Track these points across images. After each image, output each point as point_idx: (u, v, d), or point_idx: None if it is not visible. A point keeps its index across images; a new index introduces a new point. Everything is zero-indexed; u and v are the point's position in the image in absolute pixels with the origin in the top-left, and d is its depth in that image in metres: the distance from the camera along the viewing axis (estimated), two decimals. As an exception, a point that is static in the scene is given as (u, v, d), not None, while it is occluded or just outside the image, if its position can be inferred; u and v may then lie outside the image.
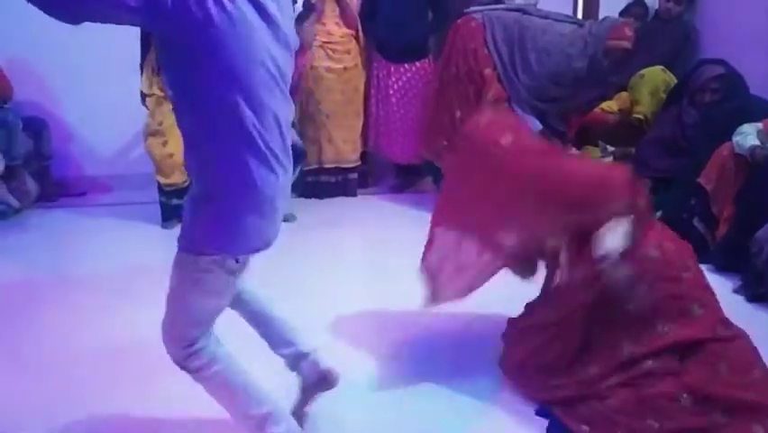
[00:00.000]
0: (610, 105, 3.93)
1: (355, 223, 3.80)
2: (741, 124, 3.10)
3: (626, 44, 3.49)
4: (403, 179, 4.50)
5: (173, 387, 2.23)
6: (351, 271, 2.23)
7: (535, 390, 2.11)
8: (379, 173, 4.60)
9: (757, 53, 3.58)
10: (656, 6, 4.22)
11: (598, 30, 3.52)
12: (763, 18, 3.59)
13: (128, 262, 3.34)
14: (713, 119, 3.34)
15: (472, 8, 3.90)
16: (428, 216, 2.37)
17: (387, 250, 3.36)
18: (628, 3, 4.36)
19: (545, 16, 3.66)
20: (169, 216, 3.81)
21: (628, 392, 1.93)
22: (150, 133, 3.72)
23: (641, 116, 3.76)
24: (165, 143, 3.67)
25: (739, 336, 2.03)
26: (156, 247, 3.57)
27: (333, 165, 4.24)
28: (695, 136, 3.41)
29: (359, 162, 4.34)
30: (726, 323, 2.06)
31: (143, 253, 3.45)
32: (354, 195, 4.32)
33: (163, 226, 3.81)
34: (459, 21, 3.79)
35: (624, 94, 3.92)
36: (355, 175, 4.34)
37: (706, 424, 1.87)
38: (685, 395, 1.89)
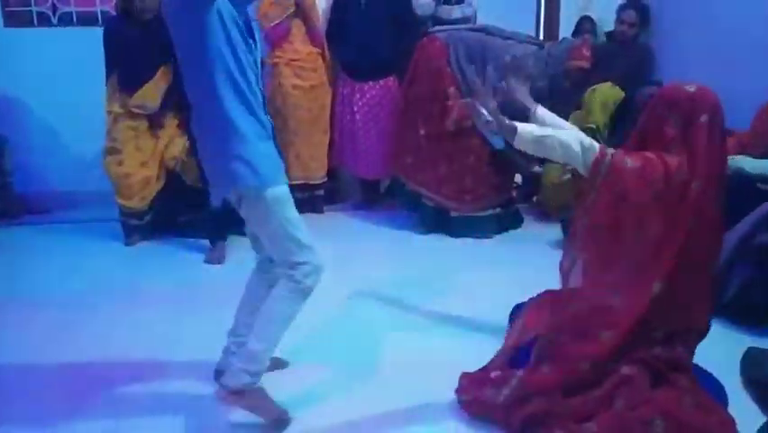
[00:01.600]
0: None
1: (322, 239, 3.80)
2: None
3: (585, 64, 3.62)
4: (369, 195, 4.55)
5: (143, 402, 2.25)
6: (317, 287, 2.27)
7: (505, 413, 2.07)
8: (345, 190, 4.64)
9: (712, 75, 3.71)
10: (611, 28, 4.36)
11: (558, 51, 3.64)
12: (718, 40, 3.73)
13: (93, 279, 3.31)
14: None
15: (436, 28, 3.99)
16: (394, 232, 2.40)
17: (354, 266, 3.39)
18: (577, 21, 4.51)
19: (508, 37, 3.76)
20: (131, 234, 3.79)
21: (607, 416, 1.95)
22: (108, 150, 3.70)
23: (593, 126, 3.87)
24: (121, 162, 3.66)
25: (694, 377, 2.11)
26: (121, 264, 3.56)
27: (300, 182, 4.26)
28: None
29: (326, 179, 4.37)
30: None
31: (108, 271, 3.43)
32: (321, 211, 4.35)
33: (126, 244, 3.78)
34: (423, 40, 3.87)
35: (578, 113, 4.03)
36: (322, 192, 4.37)
37: None
38: (658, 421, 1.93)
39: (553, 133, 2.06)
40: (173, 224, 3.86)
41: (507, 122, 2.09)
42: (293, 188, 4.28)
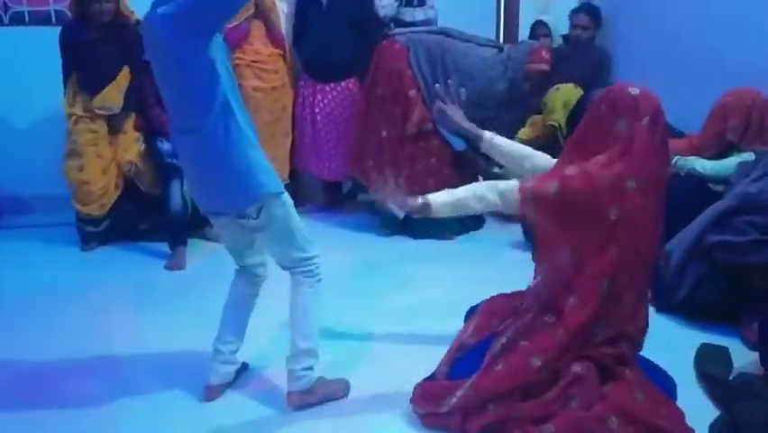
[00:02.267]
0: (526, 133, 4.10)
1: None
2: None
3: (545, 66, 3.67)
4: (331, 196, 4.54)
5: (100, 409, 2.21)
6: (278, 289, 2.27)
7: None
8: (307, 192, 4.62)
9: (666, 78, 3.81)
10: (566, 32, 4.44)
11: (517, 54, 3.68)
12: (671, 43, 3.83)
13: (47, 286, 3.23)
14: None
15: (396, 30, 4.00)
16: (357, 234, 2.40)
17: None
18: (531, 26, 4.58)
19: (467, 40, 3.79)
20: (88, 239, 3.71)
21: (564, 416, 1.97)
22: (68, 154, 3.62)
23: (555, 123, 3.93)
24: (81, 168, 3.59)
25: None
26: (76, 270, 3.48)
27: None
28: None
29: (287, 181, 4.35)
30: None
31: (63, 277, 3.35)
32: (283, 213, 4.32)
33: (83, 249, 3.70)
34: (383, 43, 3.87)
35: (537, 118, 4.10)
36: (284, 194, 4.34)
37: None
38: (613, 418, 1.96)
39: (466, 193, 2.07)
40: (133, 229, 3.79)
41: (420, 200, 2.07)
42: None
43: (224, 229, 2.22)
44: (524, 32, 4.76)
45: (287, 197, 2.14)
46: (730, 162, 2.96)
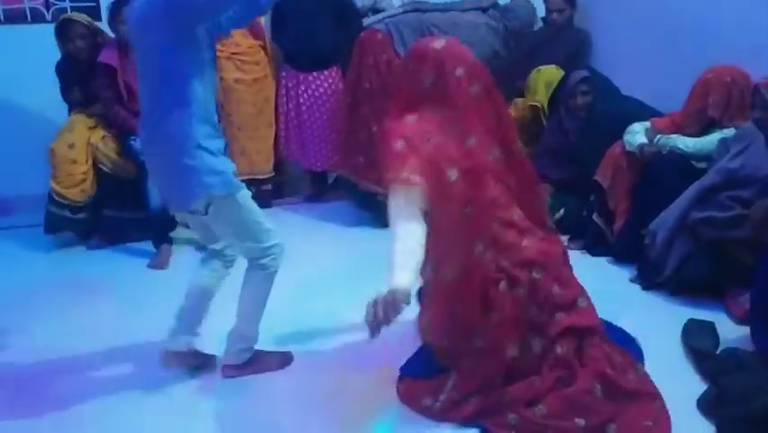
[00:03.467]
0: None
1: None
2: (618, 122, 3.32)
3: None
4: (318, 187, 4.52)
5: (83, 410, 2.21)
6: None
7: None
8: (293, 183, 4.61)
9: (650, 60, 3.83)
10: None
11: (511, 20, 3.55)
12: (652, 22, 3.84)
13: (13, 289, 3.19)
14: (591, 120, 3.54)
15: (371, 19, 3.93)
16: (343, 225, 2.40)
17: (301, 260, 3.36)
18: None
19: (446, 9, 3.70)
20: (59, 226, 3.63)
21: (555, 397, 1.99)
22: (61, 131, 3.60)
23: (537, 104, 3.94)
24: (72, 145, 3.54)
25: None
26: (43, 273, 3.43)
27: (246, 177, 4.20)
28: (579, 140, 3.61)
29: (273, 173, 4.33)
30: None
31: (30, 280, 3.31)
32: (269, 206, 4.30)
33: (47, 232, 3.63)
34: (362, 36, 3.80)
35: (519, 101, 4.10)
36: (270, 186, 4.33)
37: (614, 409, 1.98)
38: (598, 386, 2.00)
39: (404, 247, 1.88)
40: (119, 227, 3.73)
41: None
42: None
43: (188, 219, 2.37)
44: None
45: (241, 195, 2.17)
46: (712, 139, 2.97)
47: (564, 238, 3.44)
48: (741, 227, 2.62)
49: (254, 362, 2.36)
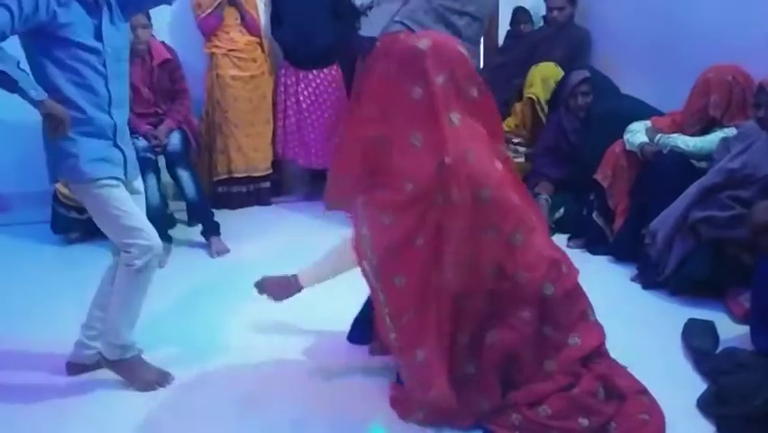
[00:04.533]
0: (508, 123, 4.10)
1: (268, 231, 3.79)
2: (618, 121, 3.31)
3: None
4: (317, 185, 4.50)
5: (89, 405, 2.20)
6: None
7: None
8: (292, 181, 4.60)
9: (649, 58, 3.82)
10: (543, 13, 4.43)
11: None
12: (651, 21, 3.83)
13: (35, 282, 3.20)
14: (591, 120, 3.55)
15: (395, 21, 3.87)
16: (342, 223, 2.37)
17: (301, 257, 3.34)
18: (512, 12, 4.56)
19: None
20: (69, 228, 3.64)
21: (559, 398, 1.97)
22: None
23: (533, 96, 3.94)
24: None
25: None
26: (53, 268, 3.43)
27: (243, 174, 4.20)
28: (579, 139, 3.61)
29: (270, 171, 4.32)
30: None
31: (41, 276, 3.31)
32: (268, 204, 4.30)
33: (56, 232, 3.66)
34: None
35: (517, 106, 4.11)
36: (267, 184, 4.32)
37: (615, 409, 1.97)
38: (600, 388, 1.98)
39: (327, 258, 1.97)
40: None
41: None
42: (237, 181, 4.29)
43: None
44: (504, 19, 4.73)
45: (102, 189, 2.13)
46: (712, 139, 2.97)
47: (564, 237, 3.46)
48: (741, 227, 2.60)
49: (126, 366, 2.27)
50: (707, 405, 2.06)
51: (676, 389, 2.10)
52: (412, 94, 1.76)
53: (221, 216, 3.89)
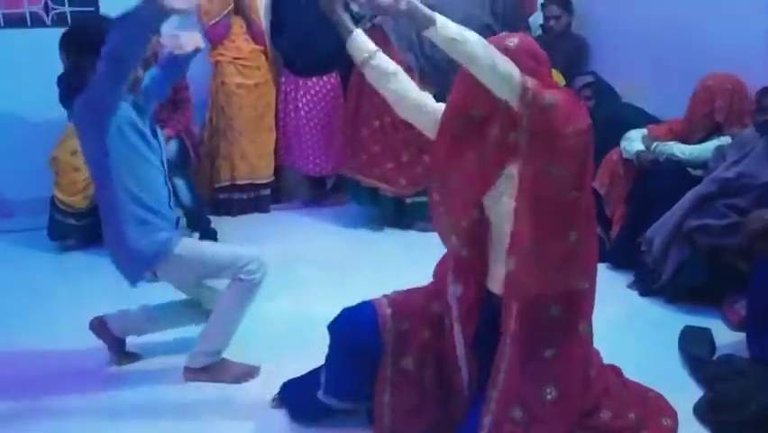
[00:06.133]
0: None
1: (269, 239, 3.81)
2: (617, 128, 3.34)
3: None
4: (316, 192, 4.54)
5: (86, 412, 2.22)
6: (263, 286, 2.30)
7: None
8: (291, 188, 4.62)
9: (646, 67, 3.86)
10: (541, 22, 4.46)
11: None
12: (649, 33, 3.87)
13: (32, 290, 3.20)
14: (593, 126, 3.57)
15: (377, 19, 3.93)
16: (342, 229, 2.38)
17: (303, 265, 3.38)
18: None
19: None
20: (66, 234, 3.64)
21: (611, 400, 1.95)
22: (63, 139, 3.59)
23: None
24: (75, 152, 3.49)
25: None
26: (50, 275, 3.43)
27: (246, 182, 4.23)
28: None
29: (272, 178, 4.34)
30: None
31: (37, 282, 3.31)
32: (267, 211, 4.32)
33: (53, 239, 3.66)
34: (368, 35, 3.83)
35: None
36: (268, 191, 4.34)
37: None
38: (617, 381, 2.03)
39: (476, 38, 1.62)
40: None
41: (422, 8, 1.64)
42: (239, 188, 4.31)
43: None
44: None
45: (183, 245, 2.29)
46: (708, 147, 3.00)
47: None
48: (736, 235, 2.63)
49: (214, 370, 2.37)
50: (703, 412, 2.09)
51: (673, 395, 2.12)
52: None
53: (221, 222, 3.92)
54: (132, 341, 2.57)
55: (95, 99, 2.11)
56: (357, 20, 4.23)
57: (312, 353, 2.39)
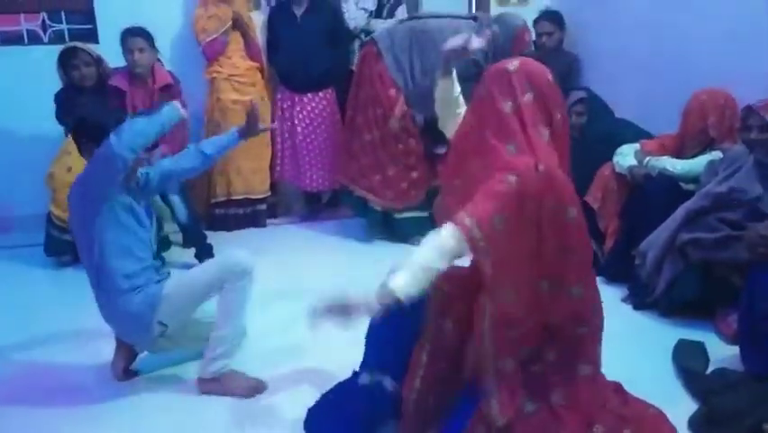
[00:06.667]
0: None
1: (265, 253, 3.81)
2: (610, 143, 3.37)
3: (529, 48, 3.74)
4: (312, 207, 4.56)
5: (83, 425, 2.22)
6: (258, 300, 2.30)
7: None
8: (287, 203, 4.64)
9: (637, 82, 3.90)
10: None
11: (501, 36, 3.65)
12: (640, 50, 3.92)
13: (13, 307, 3.20)
14: (583, 141, 3.56)
15: (375, 33, 3.99)
16: (338, 243, 2.40)
17: (298, 279, 3.39)
18: None
19: (438, 16, 3.78)
20: (62, 250, 3.64)
21: (606, 414, 1.94)
22: (58, 156, 3.61)
23: None
24: (70, 169, 3.53)
25: None
26: (42, 292, 3.44)
27: (242, 197, 4.24)
28: (571, 158, 3.65)
29: (268, 193, 4.36)
30: None
31: (33, 298, 3.32)
32: (264, 225, 4.33)
33: (48, 254, 3.67)
34: (364, 48, 3.90)
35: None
36: (264, 206, 4.36)
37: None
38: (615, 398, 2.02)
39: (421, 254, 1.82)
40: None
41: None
42: (235, 203, 4.32)
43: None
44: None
45: (168, 283, 2.38)
46: (700, 162, 3.03)
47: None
48: (729, 249, 2.66)
49: (224, 381, 2.39)
50: (697, 426, 2.10)
51: (667, 409, 2.12)
52: (504, 108, 1.85)
53: (217, 238, 3.93)
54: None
55: (94, 186, 2.26)
56: (354, 36, 4.30)
57: (310, 365, 2.41)
